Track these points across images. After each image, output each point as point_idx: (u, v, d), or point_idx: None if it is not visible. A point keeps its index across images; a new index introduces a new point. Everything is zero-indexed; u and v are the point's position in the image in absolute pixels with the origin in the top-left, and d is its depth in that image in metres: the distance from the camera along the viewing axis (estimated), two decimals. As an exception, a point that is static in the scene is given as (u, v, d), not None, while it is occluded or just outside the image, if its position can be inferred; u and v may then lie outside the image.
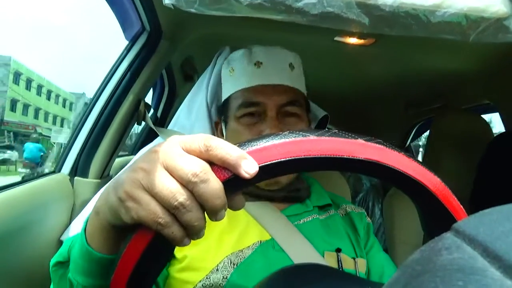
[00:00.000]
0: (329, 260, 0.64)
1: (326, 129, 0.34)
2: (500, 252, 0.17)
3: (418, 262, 0.21)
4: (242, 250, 0.63)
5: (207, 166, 0.31)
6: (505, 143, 1.00)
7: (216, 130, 0.86)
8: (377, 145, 0.33)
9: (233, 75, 0.78)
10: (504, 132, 1.07)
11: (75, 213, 0.88)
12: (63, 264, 0.48)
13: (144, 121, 1.04)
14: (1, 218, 0.63)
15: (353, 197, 1.77)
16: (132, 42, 0.99)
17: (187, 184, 0.31)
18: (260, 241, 0.65)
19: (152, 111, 1.38)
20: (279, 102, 0.72)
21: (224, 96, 0.81)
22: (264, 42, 0.82)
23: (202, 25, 1.05)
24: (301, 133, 0.33)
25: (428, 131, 1.33)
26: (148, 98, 1.19)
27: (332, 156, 0.32)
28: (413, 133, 2.06)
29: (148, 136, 1.50)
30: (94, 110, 0.96)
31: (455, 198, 0.34)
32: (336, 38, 1.08)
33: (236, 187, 0.33)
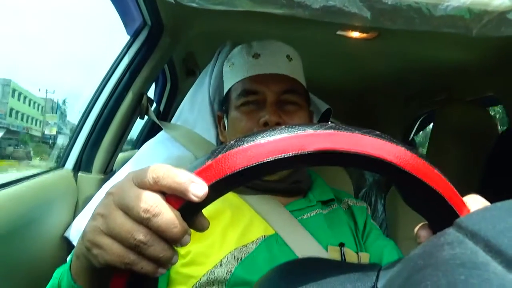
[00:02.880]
0: (333, 254, 0.65)
1: (273, 128, 0.32)
2: (502, 247, 0.17)
3: (420, 256, 0.21)
4: (246, 245, 0.63)
5: (157, 199, 0.31)
6: None
7: (218, 124, 0.86)
8: (327, 130, 0.31)
9: (233, 69, 0.80)
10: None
11: (78, 209, 0.88)
12: None
13: (147, 115, 1.04)
14: (5, 214, 0.64)
15: (355, 192, 1.76)
16: (134, 37, 0.99)
17: (141, 221, 0.31)
18: (264, 236, 0.65)
19: (154, 105, 1.38)
20: (277, 90, 0.74)
21: (225, 90, 0.82)
22: (266, 37, 0.82)
23: (203, 20, 1.04)
24: (246, 139, 0.31)
25: (432, 124, 1.32)
26: (150, 93, 1.19)
27: (281, 157, 0.30)
28: (416, 126, 2.05)
29: (151, 130, 1.50)
30: (97, 105, 0.96)
31: (429, 165, 0.31)
32: (339, 32, 1.07)
33: (194, 210, 0.33)
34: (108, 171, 0.98)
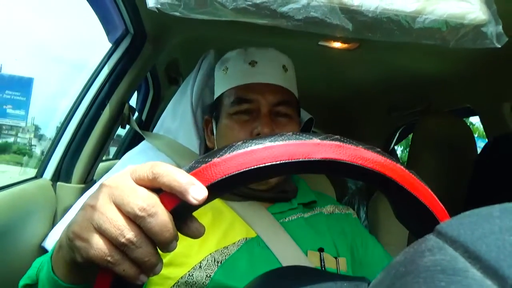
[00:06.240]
0: (312, 259, 0.65)
1: (281, 133, 0.33)
2: (481, 253, 0.17)
3: (402, 263, 0.21)
4: (227, 247, 0.63)
5: (155, 199, 0.31)
6: (502, 146, 1.02)
7: (206, 128, 0.86)
8: (334, 142, 0.32)
9: (227, 74, 0.79)
10: (501, 135, 1.09)
11: (57, 219, 0.86)
12: (32, 286, 0.47)
13: (128, 124, 1.03)
14: None
15: (338, 200, 1.79)
16: (116, 45, 0.98)
17: (134, 219, 0.30)
18: (246, 238, 0.65)
19: (136, 114, 1.37)
20: (272, 100, 0.73)
21: (216, 94, 0.81)
22: (249, 46, 0.82)
23: (187, 28, 1.04)
24: (254, 141, 0.32)
25: (411, 134, 1.35)
26: (133, 101, 1.18)
27: (287, 161, 0.31)
28: (396, 136, 2.09)
29: (133, 140, 1.48)
30: (77, 113, 0.94)
31: (423, 184, 0.33)
32: (321, 43, 1.09)
33: (187, 212, 0.33)
34: (88, 181, 0.96)
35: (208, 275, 0.58)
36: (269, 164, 0.31)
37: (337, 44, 1.09)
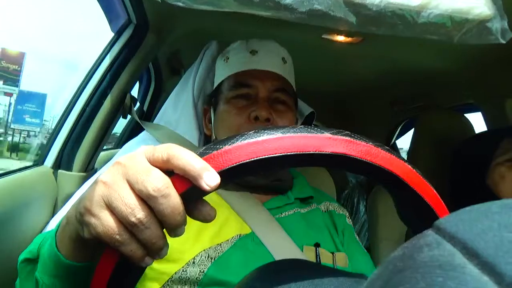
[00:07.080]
0: (308, 254, 0.65)
1: (292, 126, 0.33)
2: (479, 249, 0.18)
3: (400, 258, 0.21)
4: (220, 244, 0.62)
5: (168, 180, 0.30)
6: (472, 146, 1.03)
7: (204, 117, 0.86)
8: (345, 137, 0.33)
9: (228, 62, 0.80)
10: (473, 135, 1.10)
11: (58, 207, 0.86)
12: (32, 261, 0.47)
13: (130, 114, 1.03)
14: None
15: (338, 194, 1.79)
16: (118, 35, 0.98)
17: (147, 199, 0.30)
18: (240, 234, 0.65)
19: (138, 104, 1.37)
20: (270, 86, 0.75)
21: (216, 83, 0.82)
22: (252, 38, 0.82)
23: (189, 19, 1.04)
24: (266, 131, 0.32)
25: (413, 129, 1.35)
26: (134, 92, 1.17)
27: (298, 153, 0.31)
28: (398, 131, 2.08)
29: (134, 130, 1.48)
30: (79, 102, 0.94)
31: (427, 184, 0.34)
32: (324, 36, 1.08)
33: (196, 196, 0.33)
34: (89, 169, 0.96)
35: (202, 271, 0.58)
36: (280, 154, 0.31)
37: (340, 38, 1.09)
